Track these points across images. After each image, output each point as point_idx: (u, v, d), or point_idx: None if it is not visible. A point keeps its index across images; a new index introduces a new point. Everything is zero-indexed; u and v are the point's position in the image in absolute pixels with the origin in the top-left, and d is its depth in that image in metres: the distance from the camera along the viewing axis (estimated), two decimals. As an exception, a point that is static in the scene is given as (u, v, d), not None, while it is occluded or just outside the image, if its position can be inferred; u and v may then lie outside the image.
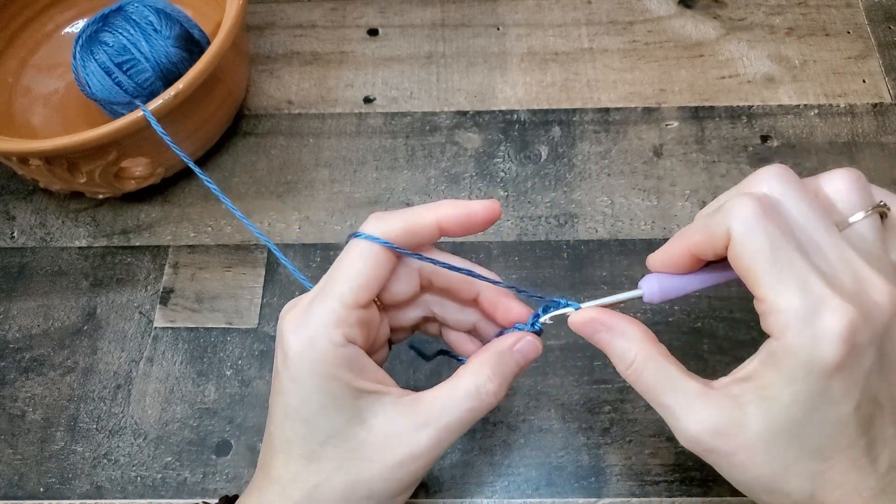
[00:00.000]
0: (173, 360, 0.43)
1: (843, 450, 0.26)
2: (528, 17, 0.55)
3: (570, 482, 0.38)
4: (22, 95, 0.50)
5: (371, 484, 0.28)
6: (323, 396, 0.27)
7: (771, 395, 0.25)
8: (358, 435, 0.28)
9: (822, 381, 0.24)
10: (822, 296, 0.24)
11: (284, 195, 0.48)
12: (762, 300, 0.25)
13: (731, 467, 0.27)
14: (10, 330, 0.44)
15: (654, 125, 0.50)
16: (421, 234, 0.29)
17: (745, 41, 0.53)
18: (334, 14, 0.56)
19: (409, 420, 0.28)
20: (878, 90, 0.51)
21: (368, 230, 0.28)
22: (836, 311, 0.24)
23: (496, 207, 0.29)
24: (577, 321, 0.29)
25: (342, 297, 0.27)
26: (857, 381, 0.25)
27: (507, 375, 0.29)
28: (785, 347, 0.25)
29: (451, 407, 0.28)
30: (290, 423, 0.28)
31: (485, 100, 0.51)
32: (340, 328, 0.27)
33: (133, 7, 0.44)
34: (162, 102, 0.40)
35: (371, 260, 0.28)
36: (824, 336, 0.24)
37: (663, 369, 0.28)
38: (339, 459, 0.28)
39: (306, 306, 0.28)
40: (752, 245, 0.25)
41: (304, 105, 0.52)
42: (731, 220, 0.26)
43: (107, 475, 0.39)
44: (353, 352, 0.28)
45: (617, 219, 0.46)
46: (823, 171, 0.48)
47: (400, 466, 0.28)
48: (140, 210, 0.48)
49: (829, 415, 0.25)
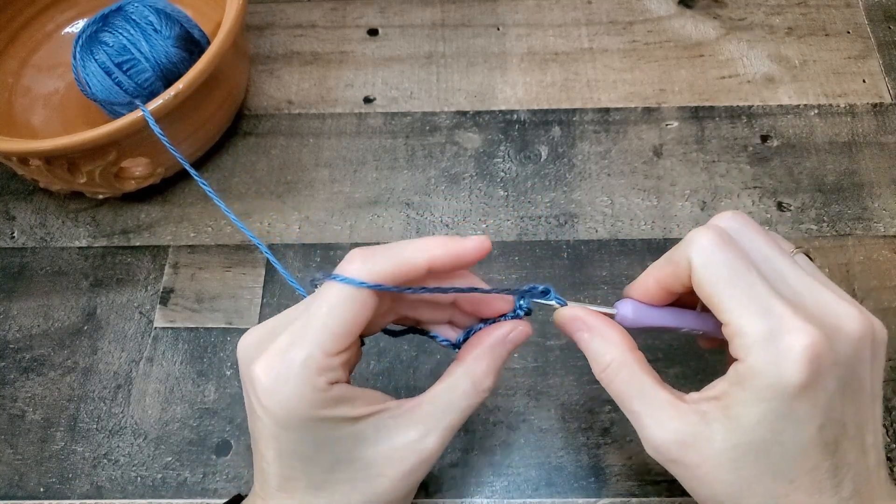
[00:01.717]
0: (173, 360, 0.43)
1: (806, 472, 0.26)
2: (528, 17, 0.55)
3: (570, 482, 0.38)
4: (22, 95, 0.50)
5: (387, 496, 0.28)
6: (319, 435, 0.27)
7: (736, 415, 0.26)
8: (364, 455, 0.28)
9: (787, 402, 0.25)
10: (784, 318, 0.25)
11: (284, 195, 0.48)
12: (727, 324, 0.26)
13: (692, 480, 0.27)
14: (10, 330, 0.44)
15: (654, 125, 0.50)
16: (408, 275, 0.27)
17: (745, 41, 0.53)
18: (334, 14, 0.56)
19: (414, 429, 0.28)
20: (878, 90, 0.51)
21: (353, 271, 0.26)
22: (799, 333, 0.24)
23: (486, 244, 0.29)
24: (563, 317, 0.30)
25: (323, 346, 0.26)
26: (821, 403, 0.25)
27: (500, 366, 0.30)
28: (750, 369, 0.25)
29: (451, 408, 0.29)
30: (287, 462, 0.27)
31: (485, 100, 0.51)
32: (324, 375, 0.26)
33: (133, 7, 0.44)
34: (162, 102, 0.40)
35: (355, 304, 0.26)
36: (788, 357, 0.24)
37: (636, 377, 0.28)
38: (351, 481, 0.28)
39: (282, 353, 0.26)
40: (712, 272, 0.26)
41: (304, 105, 0.52)
42: (691, 251, 0.27)
43: (107, 475, 0.39)
44: (339, 390, 0.27)
45: (617, 219, 0.46)
46: (823, 171, 0.48)
47: (411, 473, 0.28)
48: (140, 210, 0.48)
49: (793, 436, 0.25)
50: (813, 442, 0.25)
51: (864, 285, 0.43)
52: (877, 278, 0.44)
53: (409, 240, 0.28)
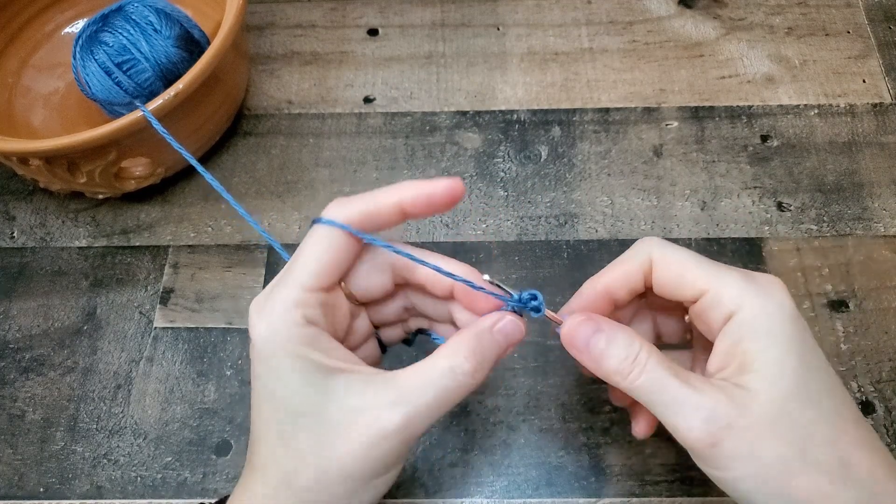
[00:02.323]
0: (173, 360, 0.43)
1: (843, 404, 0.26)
2: (528, 17, 0.55)
3: (570, 482, 0.38)
4: (22, 95, 0.50)
5: (342, 463, 0.27)
6: (290, 374, 0.27)
7: (761, 364, 0.26)
8: (328, 413, 0.27)
9: (797, 327, 0.27)
10: (748, 273, 0.28)
11: (284, 195, 0.48)
12: (706, 290, 0.28)
13: (740, 461, 0.26)
14: (10, 330, 0.44)
15: (654, 125, 0.50)
16: (382, 215, 0.29)
17: (745, 41, 0.53)
18: (334, 14, 0.56)
19: (380, 397, 0.27)
20: (878, 90, 0.51)
21: (330, 214, 0.28)
22: (768, 277, 0.28)
23: (458, 186, 0.29)
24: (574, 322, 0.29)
25: (301, 281, 0.28)
26: (811, 334, 0.27)
27: (486, 356, 0.28)
28: (750, 311, 0.27)
29: (424, 386, 0.27)
30: (264, 405, 0.28)
31: (485, 100, 0.51)
32: (300, 309, 0.27)
33: (133, 7, 0.44)
34: (162, 102, 0.40)
35: (330, 244, 0.28)
36: (774, 292, 0.27)
37: (665, 367, 0.27)
38: (313, 439, 0.27)
39: (269, 291, 0.28)
40: (677, 256, 0.29)
41: (304, 105, 0.52)
42: (650, 248, 0.30)
43: (107, 475, 0.39)
44: (315, 332, 0.27)
45: (617, 219, 0.46)
46: (823, 171, 0.48)
47: (371, 445, 0.27)
48: (140, 210, 0.48)
49: (816, 363, 0.27)
50: (829, 369, 0.27)
51: (864, 285, 0.43)
52: (877, 278, 0.44)
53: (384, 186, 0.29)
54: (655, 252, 0.30)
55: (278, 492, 0.28)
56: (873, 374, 0.41)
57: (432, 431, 0.40)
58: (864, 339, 0.42)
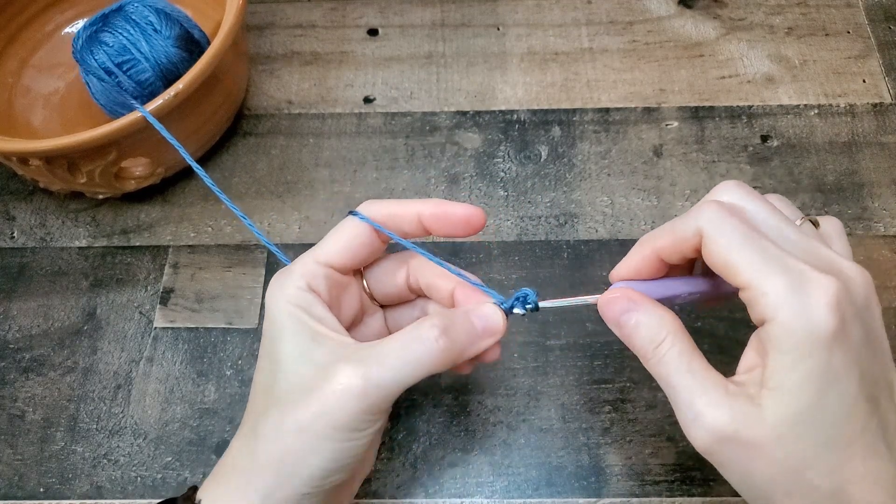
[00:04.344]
0: (173, 360, 0.43)
1: (858, 434, 0.25)
2: (528, 17, 0.55)
3: (570, 482, 0.38)
4: (22, 95, 0.50)
5: (298, 415, 0.27)
6: (283, 332, 0.29)
7: (778, 384, 0.25)
8: (300, 370, 0.29)
9: (824, 355, 0.25)
10: (803, 271, 0.25)
11: (284, 195, 0.48)
12: (747, 287, 0.26)
13: (747, 463, 0.26)
14: (10, 330, 0.44)
15: (654, 125, 0.50)
16: (400, 218, 0.31)
17: (745, 41, 0.53)
18: (334, 14, 0.56)
19: (346, 357, 0.28)
20: (878, 90, 0.51)
21: (362, 211, 0.32)
22: (820, 283, 0.25)
23: (479, 214, 0.31)
24: (609, 296, 0.29)
25: (315, 255, 0.31)
26: (853, 354, 0.25)
27: (456, 332, 0.29)
28: (781, 326, 0.25)
29: (389, 350, 0.28)
30: (264, 364, 0.30)
31: (485, 100, 0.51)
32: (305, 277, 0.30)
33: (133, 7, 0.44)
34: (162, 102, 0.40)
35: (353, 233, 0.31)
36: (816, 307, 0.25)
37: (688, 356, 0.27)
38: (281, 392, 0.29)
39: (290, 264, 0.31)
40: (725, 239, 0.26)
41: (304, 105, 0.52)
42: (701, 221, 0.27)
43: (107, 475, 0.39)
44: (312, 298, 0.30)
45: (617, 219, 0.46)
46: (823, 171, 0.48)
47: (329, 401, 0.27)
48: (140, 210, 0.48)
49: (838, 394, 0.25)
50: (856, 398, 0.25)
51: (864, 285, 0.43)
52: (877, 278, 0.43)
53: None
54: (705, 228, 0.27)
55: (244, 441, 0.29)
56: (873, 374, 0.41)
57: (432, 431, 0.40)
58: (864, 339, 0.42)
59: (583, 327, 0.42)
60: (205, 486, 0.30)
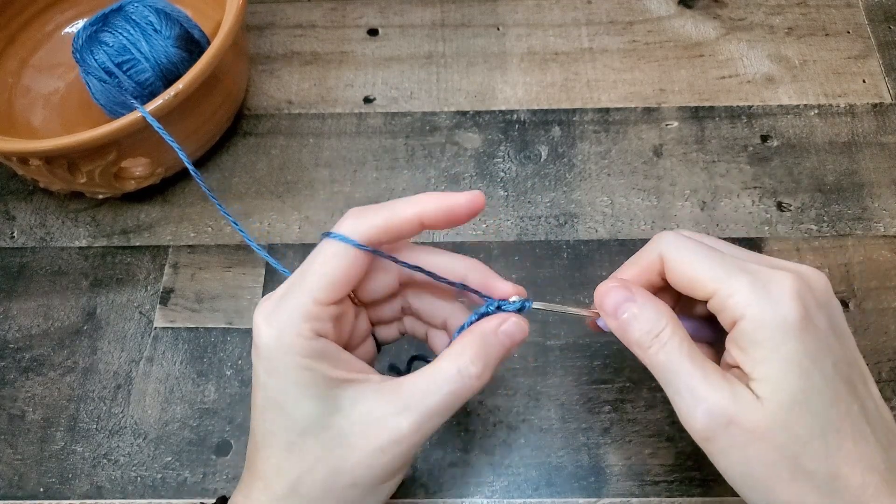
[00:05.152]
0: (173, 360, 0.43)
1: (845, 416, 0.26)
2: (528, 17, 0.55)
3: (570, 482, 0.39)
4: (22, 95, 0.50)
5: (354, 472, 0.27)
6: (298, 387, 0.27)
7: (763, 374, 0.26)
8: (338, 423, 0.27)
9: (797, 340, 0.26)
10: (762, 271, 0.27)
11: (284, 195, 0.48)
12: (713, 295, 0.27)
13: (749, 447, 0.26)
14: (10, 330, 0.44)
15: (654, 125, 0.50)
16: (400, 229, 0.28)
17: (745, 41, 0.53)
18: (334, 14, 0.56)
19: (390, 405, 0.27)
20: (878, 90, 0.51)
21: (346, 228, 0.28)
22: (781, 278, 0.27)
23: (479, 199, 0.29)
24: (606, 287, 0.29)
25: (312, 294, 0.27)
26: (823, 341, 0.27)
27: (491, 357, 0.28)
28: (752, 321, 0.26)
29: (432, 390, 0.27)
30: (269, 414, 0.28)
31: (485, 100, 0.51)
32: (309, 323, 0.27)
33: (133, 7, 0.44)
34: (162, 102, 0.40)
35: (344, 260, 0.28)
36: (780, 298, 0.26)
37: (686, 346, 0.27)
38: (321, 449, 0.28)
39: (278, 299, 0.28)
40: (685, 257, 0.28)
41: (304, 105, 0.52)
42: (661, 246, 0.29)
43: (107, 475, 0.40)
44: (323, 344, 0.27)
45: (617, 219, 0.46)
46: (823, 171, 0.48)
47: (382, 452, 0.27)
48: (140, 210, 0.48)
49: (819, 374, 0.26)
50: (836, 380, 0.26)
51: (864, 285, 0.43)
52: (877, 278, 0.44)
53: (403, 197, 0.29)
54: (666, 252, 0.29)
55: (284, 501, 0.28)
56: (873, 375, 0.40)
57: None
58: (863, 339, 0.42)
59: (583, 327, 0.42)
60: None
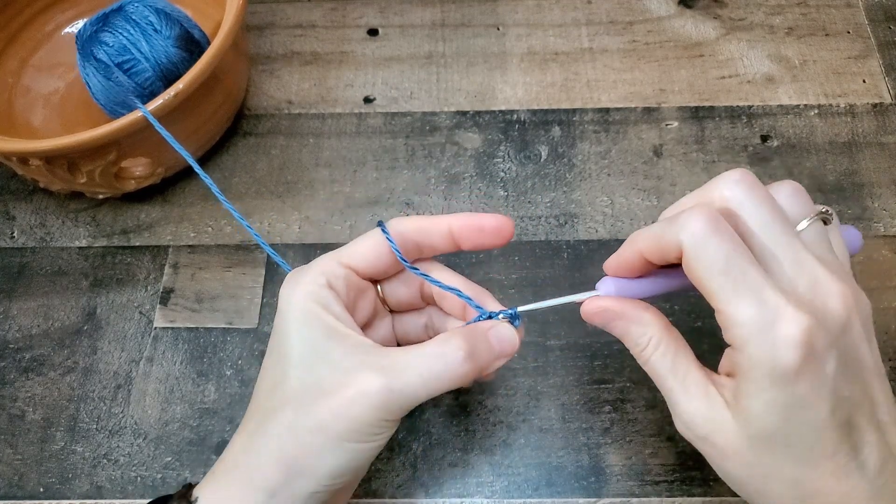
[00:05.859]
0: (173, 360, 0.43)
1: (828, 457, 0.26)
2: (528, 17, 0.55)
3: (570, 482, 0.38)
4: (22, 95, 0.50)
5: (318, 415, 0.27)
6: (296, 323, 0.29)
7: (745, 406, 0.26)
8: (318, 368, 0.28)
9: (789, 389, 0.25)
10: (777, 306, 0.25)
11: (284, 195, 0.48)
12: (719, 312, 0.26)
13: (721, 460, 0.28)
14: (10, 330, 0.44)
15: (654, 125, 0.50)
16: (431, 233, 0.31)
17: (745, 41, 0.53)
18: (334, 14, 0.56)
19: (369, 364, 0.28)
20: (878, 90, 0.51)
21: (392, 223, 0.32)
22: (791, 321, 0.25)
23: (508, 224, 0.31)
24: (590, 310, 0.30)
25: (339, 256, 0.31)
26: (824, 386, 0.25)
27: (476, 350, 0.29)
28: (749, 359, 0.25)
29: (412, 364, 0.28)
30: (271, 354, 0.30)
31: (485, 100, 0.51)
32: (325, 275, 0.30)
33: (133, 7, 0.44)
34: (162, 102, 0.40)
35: (374, 244, 0.31)
36: (782, 344, 0.25)
37: (671, 355, 0.28)
38: (297, 388, 0.28)
39: (310, 263, 0.31)
40: (704, 259, 0.26)
41: (304, 105, 0.52)
42: (682, 234, 0.26)
43: (107, 475, 0.39)
44: (331, 296, 0.30)
45: (617, 219, 0.46)
46: (823, 171, 0.48)
47: (348, 404, 0.27)
48: (140, 210, 0.48)
49: (806, 422, 0.25)
50: (827, 425, 0.25)
51: (864, 285, 0.43)
52: (877, 278, 0.44)
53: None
54: (687, 245, 0.26)
55: (248, 439, 0.29)
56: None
57: (432, 431, 0.40)
58: (864, 339, 0.42)
59: (583, 327, 0.42)
60: (202, 484, 0.30)
